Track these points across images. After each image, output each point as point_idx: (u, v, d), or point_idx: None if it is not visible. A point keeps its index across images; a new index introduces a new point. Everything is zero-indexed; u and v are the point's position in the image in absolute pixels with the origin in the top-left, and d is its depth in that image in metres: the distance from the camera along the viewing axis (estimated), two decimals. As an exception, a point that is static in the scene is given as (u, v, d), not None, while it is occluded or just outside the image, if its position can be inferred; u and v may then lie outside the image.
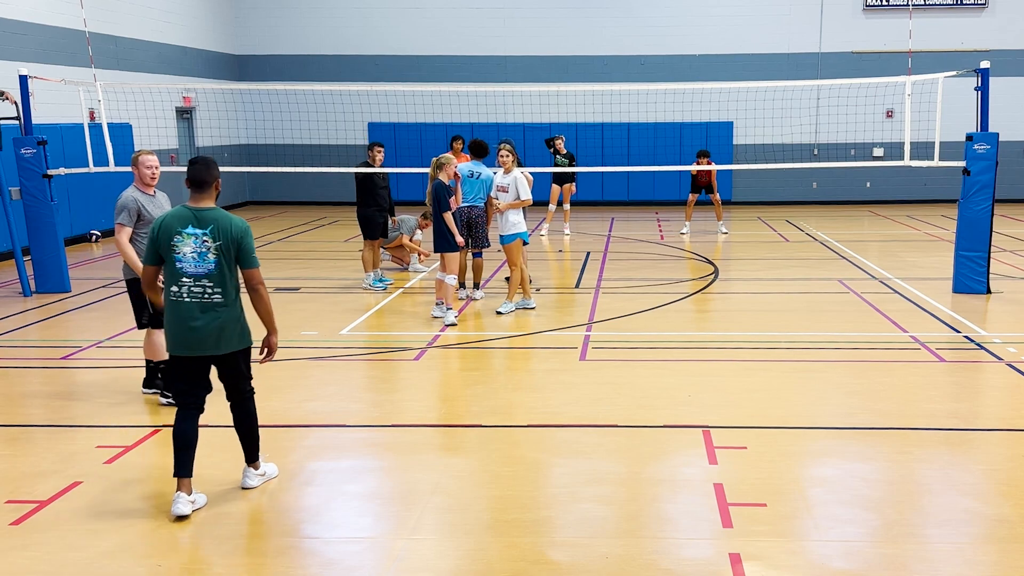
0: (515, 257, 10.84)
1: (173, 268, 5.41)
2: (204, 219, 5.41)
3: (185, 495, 5.46)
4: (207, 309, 5.40)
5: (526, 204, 10.85)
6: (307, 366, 8.81)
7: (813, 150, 23.88)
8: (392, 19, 24.55)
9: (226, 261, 5.40)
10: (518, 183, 10.86)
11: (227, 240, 5.39)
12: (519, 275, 10.91)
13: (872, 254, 15.56)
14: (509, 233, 10.83)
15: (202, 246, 5.36)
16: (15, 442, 6.86)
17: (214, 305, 5.41)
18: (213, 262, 5.38)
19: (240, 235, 5.43)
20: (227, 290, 5.43)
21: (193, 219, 5.40)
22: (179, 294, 5.40)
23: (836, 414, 7.28)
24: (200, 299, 5.39)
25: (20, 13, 16.70)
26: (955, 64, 16.77)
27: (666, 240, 17.65)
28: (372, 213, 12.56)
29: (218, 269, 5.39)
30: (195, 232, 5.37)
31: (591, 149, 23.71)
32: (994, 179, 11.41)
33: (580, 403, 7.53)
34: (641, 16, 24.20)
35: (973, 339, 9.55)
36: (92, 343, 9.71)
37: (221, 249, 5.38)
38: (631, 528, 5.30)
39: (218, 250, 5.38)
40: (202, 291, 5.39)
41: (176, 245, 5.37)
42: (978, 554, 4.97)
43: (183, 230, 5.37)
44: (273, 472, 6.02)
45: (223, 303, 5.43)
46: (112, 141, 13.65)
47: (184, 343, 5.46)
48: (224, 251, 5.39)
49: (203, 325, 5.41)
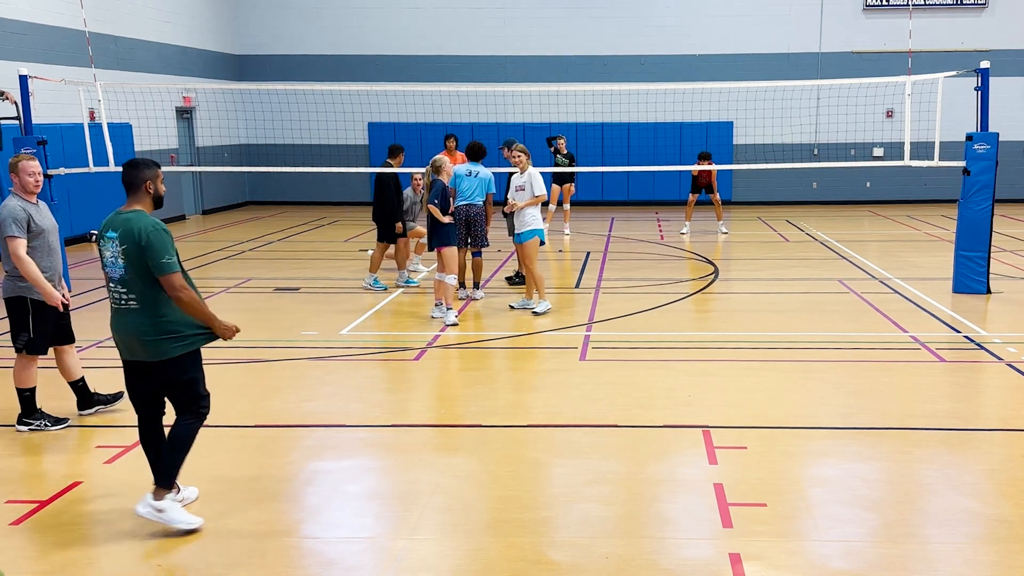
0: (530, 255, 10.83)
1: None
2: (117, 223, 5.17)
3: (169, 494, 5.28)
4: (122, 315, 5.21)
5: (541, 200, 10.88)
6: (307, 366, 8.81)
7: (813, 150, 23.88)
8: (392, 19, 24.55)
9: (134, 267, 5.10)
10: (533, 180, 10.87)
11: (131, 244, 5.08)
12: (533, 274, 10.92)
13: (872, 254, 15.56)
14: (526, 231, 10.82)
15: (115, 250, 5.14)
16: (15, 442, 6.86)
17: (129, 311, 5.17)
18: (122, 267, 5.13)
19: (142, 239, 5.05)
20: (142, 296, 5.13)
21: (111, 223, 5.21)
22: (110, 297, 5.30)
23: (836, 414, 7.28)
24: (118, 304, 5.22)
25: (20, 13, 16.69)
26: (955, 64, 16.77)
27: (666, 240, 17.65)
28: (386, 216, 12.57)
29: (128, 274, 5.12)
30: (112, 236, 5.16)
31: (591, 149, 23.71)
32: (994, 179, 11.41)
33: (580, 403, 7.53)
34: (641, 16, 24.20)
35: (973, 339, 9.55)
36: (92, 343, 9.71)
37: (127, 253, 5.10)
38: (631, 528, 5.30)
39: (124, 254, 5.10)
40: (119, 296, 5.20)
41: (102, 249, 5.22)
42: (978, 554, 4.97)
43: (105, 234, 5.19)
44: (180, 520, 5.26)
45: (138, 308, 5.14)
46: (112, 141, 13.64)
47: (117, 346, 5.37)
48: (129, 256, 5.09)
49: (118, 330, 5.26)
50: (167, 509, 5.22)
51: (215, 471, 6.09)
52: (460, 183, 11.42)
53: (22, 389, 7.02)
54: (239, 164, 24.00)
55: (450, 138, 14.51)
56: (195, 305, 5.14)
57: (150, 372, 5.25)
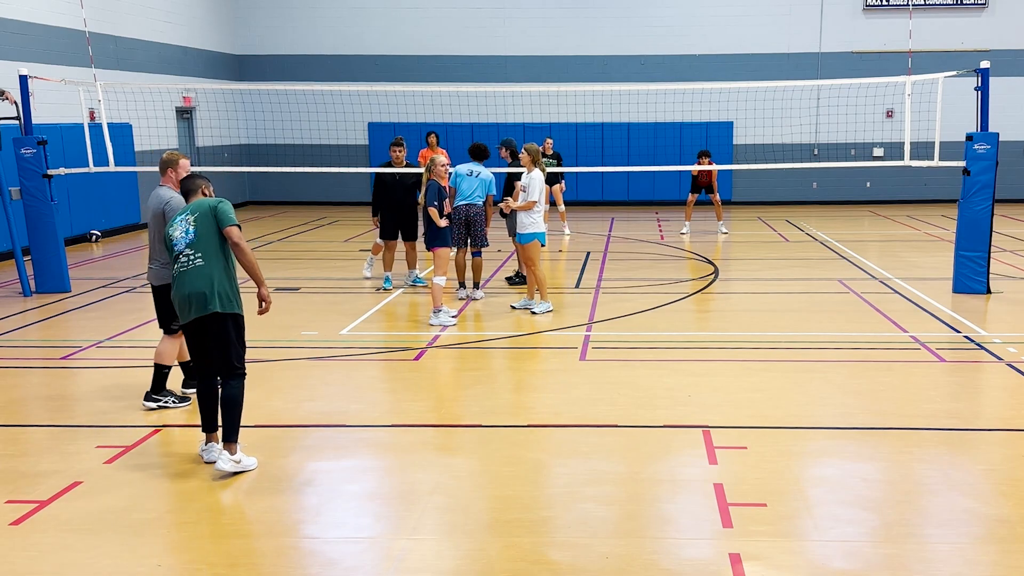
0: (532, 256, 10.81)
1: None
2: (186, 209, 6.30)
3: (216, 444, 6.17)
4: (192, 272, 6.12)
5: (532, 206, 10.77)
6: (307, 366, 8.81)
7: (813, 150, 23.88)
8: (392, 19, 24.55)
9: (203, 228, 6.12)
10: (532, 183, 10.80)
11: (202, 212, 6.17)
12: (535, 275, 10.92)
13: (872, 254, 15.56)
14: (526, 232, 10.80)
15: (186, 223, 6.16)
16: (15, 442, 6.86)
17: (198, 268, 6.10)
18: (193, 231, 6.15)
19: (214, 205, 6.19)
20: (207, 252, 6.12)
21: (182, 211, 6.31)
22: (176, 266, 6.22)
23: (836, 414, 7.28)
24: (186, 267, 6.13)
25: (20, 13, 16.69)
26: (955, 64, 16.77)
27: (666, 240, 17.65)
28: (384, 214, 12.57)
29: (196, 236, 6.12)
30: (182, 216, 6.21)
31: (591, 149, 23.72)
32: (994, 179, 11.41)
33: (580, 403, 7.53)
34: (641, 16, 24.20)
35: (973, 339, 9.55)
36: (92, 343, 9.71)
37: (197, 220, 6.15)
38: (631, 528, 5.30)
39: (195, 221, 6.15)
40: (187, 259, 6.11)
41: (171, 233, 6.23)
42: (978, 554, 4.97)
43: (174, 220, 6.26)
44: (251, 465, 6.11)
45: (203, 265, 6.11)
46: (112, 141, 13.65)
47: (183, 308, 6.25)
48: (199, 221, 6.14)
49: (191, 284, 6.10)
50: (243, 459, 6.06)
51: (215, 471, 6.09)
52: (460, 183, 11.41)
53: (162, 366, 7.45)
54: (239, 164, 23.99)
55: (431, 134, 14.81)
56: (251, 256, 6.12)
57: (213, 325, 6.02)
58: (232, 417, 6.05)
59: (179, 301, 6.07)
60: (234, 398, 6.07)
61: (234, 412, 6.06)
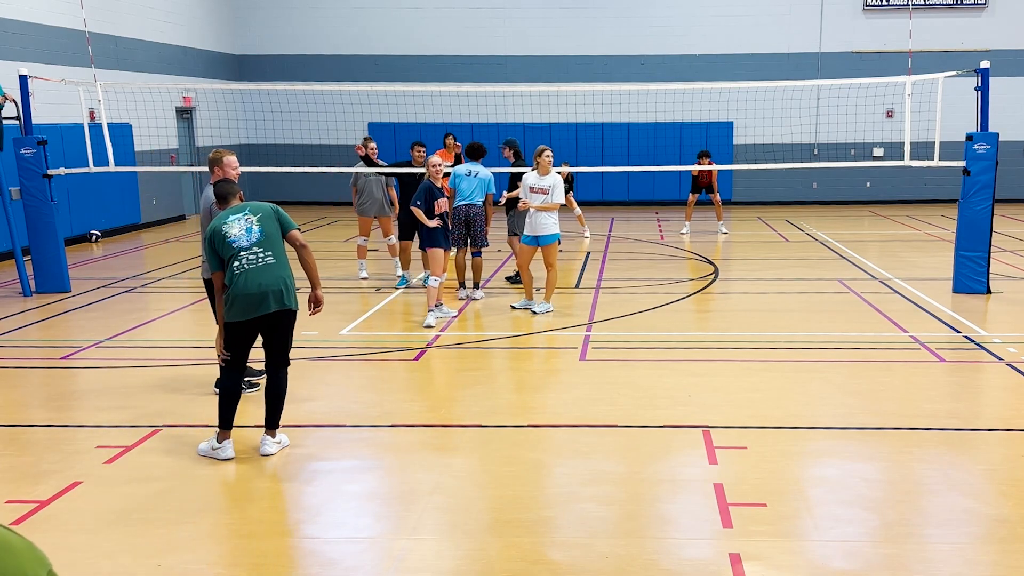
0: (551, 258, 10.82)
1: None
2: (238, 209, 6.52)
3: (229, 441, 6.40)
4: (264, 269, 6.41)
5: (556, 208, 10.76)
6: (307, 366, 8.81)
7: (813, 150, 23.88)
8: (392, 19, 24.55)
9: (270, 229, 6.49)
10: (556, 186, 10.71)
11: (265, 215, 6.52)
12: (555, 276, 10.93)
13: (872, 254, 15.56)
14: (547, 234, 10.75)
15: (247, 223, 6.41)
16: (15, 442, 6.86)
17: (268, 265, 6.41)
18: (259, 231, 6.45)
19: (275, 209, 6.62)
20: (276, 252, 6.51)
21: (232, 211, 6.53)
22: (243, 262, 6.43)
23: (836, 414, 7.28)
24: (255, 264, 6.36)
25: (20, 13, 16.69)
26: (955, 64, 16.77)
27: (666, 240, 17.65)
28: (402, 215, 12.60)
29: (264, 236, 6.44)
30: (238, 215, 6.46)
31: (591, 149, 23.71)
32: (994, 179, 11.41)
33: (580, 403, 7.53)
34: (641, 16, 24.20)
35: (973, 339, 9.55)
36: (92, 343, 9.71)
37: (261, 221, 6.47)
38: (631, 528, 5.30)
39: (260, 222, 6.47)
40: (255, 256, 6.37)
41: (225, 229, 6.42)
42: (978, 554, 4.97)
43: (227, 219, 6.45)
44: (287, 440, 6.62)
45: (275, 263, 6.46)
46: (112, 141, 13.64)
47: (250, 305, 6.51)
48: (264, 222, 6.47)
49: (263, 282, 6.37)
50: (282, 438, 6.55)
51: (215, 471, 6.09)
52: (460, 183, 11.41)
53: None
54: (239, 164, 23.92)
55: (448, 135, 14.69)
56: (312, 258, 6.66)
57: (284, 320, 6.43)
58: (281, 405, 6.50)
59: (249, 297, 6.22)
60: (285, 387, 6.53)
61: (283, 400, 6.52)
